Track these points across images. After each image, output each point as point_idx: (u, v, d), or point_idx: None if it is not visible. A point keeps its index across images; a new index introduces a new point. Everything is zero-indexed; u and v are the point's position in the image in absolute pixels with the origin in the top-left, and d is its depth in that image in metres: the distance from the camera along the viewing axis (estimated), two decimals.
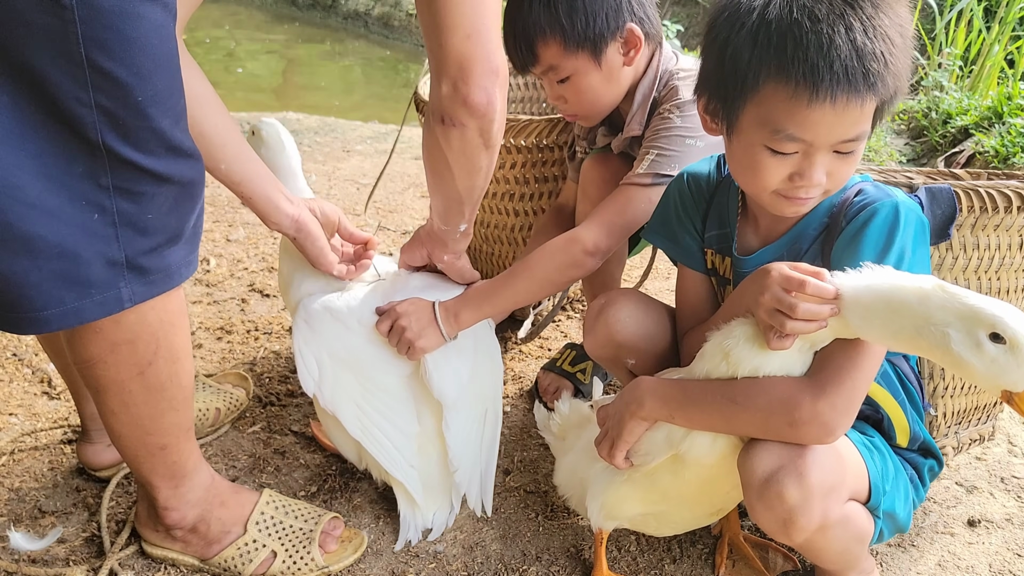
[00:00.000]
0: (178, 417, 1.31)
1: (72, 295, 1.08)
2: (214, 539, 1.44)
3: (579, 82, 1.59)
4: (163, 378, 1.25)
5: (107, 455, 1.64)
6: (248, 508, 1.47)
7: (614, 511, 1.37)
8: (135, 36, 1.00)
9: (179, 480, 1.38)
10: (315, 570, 1.45)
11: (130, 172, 1.06)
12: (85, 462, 1.65)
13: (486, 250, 2.15)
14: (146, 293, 1.15)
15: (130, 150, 1.05)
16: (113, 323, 1.15)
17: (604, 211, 1.55)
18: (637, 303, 1.43)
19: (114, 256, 1.09)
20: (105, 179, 1.05)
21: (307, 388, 1.46)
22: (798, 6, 1.11)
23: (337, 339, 1.48)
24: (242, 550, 1.44)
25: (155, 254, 1.14)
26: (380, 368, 1.51)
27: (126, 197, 1.08)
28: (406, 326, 1.48)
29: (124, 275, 1.11)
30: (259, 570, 1.44)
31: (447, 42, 1.17)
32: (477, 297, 1.54)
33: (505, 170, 1.98)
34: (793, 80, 1.10)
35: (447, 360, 1.52)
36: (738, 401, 1.15)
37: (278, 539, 1.46)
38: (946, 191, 1.34)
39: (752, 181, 1.21)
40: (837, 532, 1.21)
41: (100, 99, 1.00)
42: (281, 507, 1.50)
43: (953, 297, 0.99)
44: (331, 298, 1.52)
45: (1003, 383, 0.99)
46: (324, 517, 1.51)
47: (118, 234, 1.09)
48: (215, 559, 1.44)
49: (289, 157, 1.60)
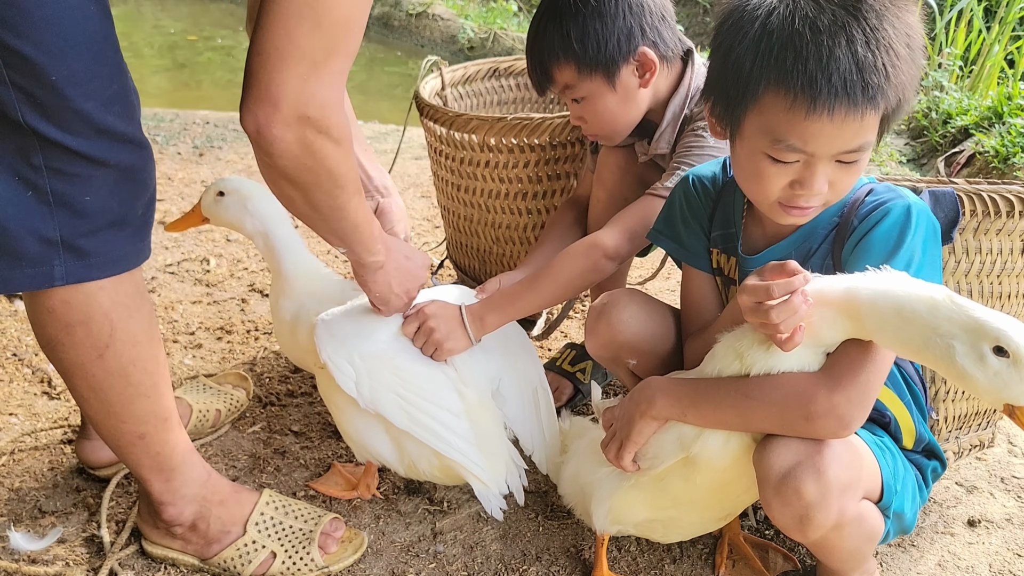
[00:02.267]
0: (150, 404, 1.31)
1: (2, 264, 1.12)
2: (214, 538, 1.44)
3: (595, 104, 1.62)
4: (124, 361, 1.26)
5: (105, 452, 1.64)
6: (248, 508, 1.47)
7: (621, 516, 1.36)
8: (41, 15, 1.01)
9: (168, 473, 1.38)
10: (315, 571, 1.44)
11: (60, 153, 1.09)
12: (83, 459, 1.65)
13: (496, 251, 2.14)
14: (84, 274, 1.17)
15: (55, 130, 1.07)
16: (63, 304, 1.19)
17: (626, 218, 1.59)
18: (639, 303, 1.43)
19: (47, 234, 1.12)
20: (36, 158, 1.08)
21: (348, 389, 1.44)
22: (800, 16, 1.10)
23: (363, 340, 1.48)
24: (241, 551, 1.44)
25: (95, 237, 1.16)
26: (410, 357, 1.51)
27: (59, 177, 1.10)
28: (435, 327, 1.49)
29: (59, 254, 1.14)
30: (259, 571, 1.44)
31: (247, 54, 1.08)
32: (502, 301, 1.57)
33: (519, 169, 1.98)
34: (792, 92, 1.10)
35: (475, 361, 1.55)
36: (752, 396, 1.15)
37: (278, 540, 1.46)
38: (949, 194, 1.34)
39: (754, 188, 1.21)
40: (852, 530, 1.21)
41: (15, 77, 1.03)
42: (281, 507, 1.50)
43: (960, 309, 0.99)
44: (344, 308, 1.53)
45: (1005, 397, 0.99)
46: (324, 518, 1.50)
47: (52, 213, 1.12)
48: (215, 559, 1.44)
49: (273, 200, 1.57)
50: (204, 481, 1.43)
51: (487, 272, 2.20)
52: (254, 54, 1.06)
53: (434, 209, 2.98)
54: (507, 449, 1.54)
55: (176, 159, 3.41)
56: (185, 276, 2.51)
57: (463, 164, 2.03)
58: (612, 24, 1.55)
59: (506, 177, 2.00)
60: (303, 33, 1.04)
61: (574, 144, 1.98)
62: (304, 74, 1.05)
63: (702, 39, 5.53)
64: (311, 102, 1.07)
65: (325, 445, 1.79)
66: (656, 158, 1.71)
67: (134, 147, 1.16)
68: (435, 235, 2.81)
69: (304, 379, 2.02)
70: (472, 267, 2.25)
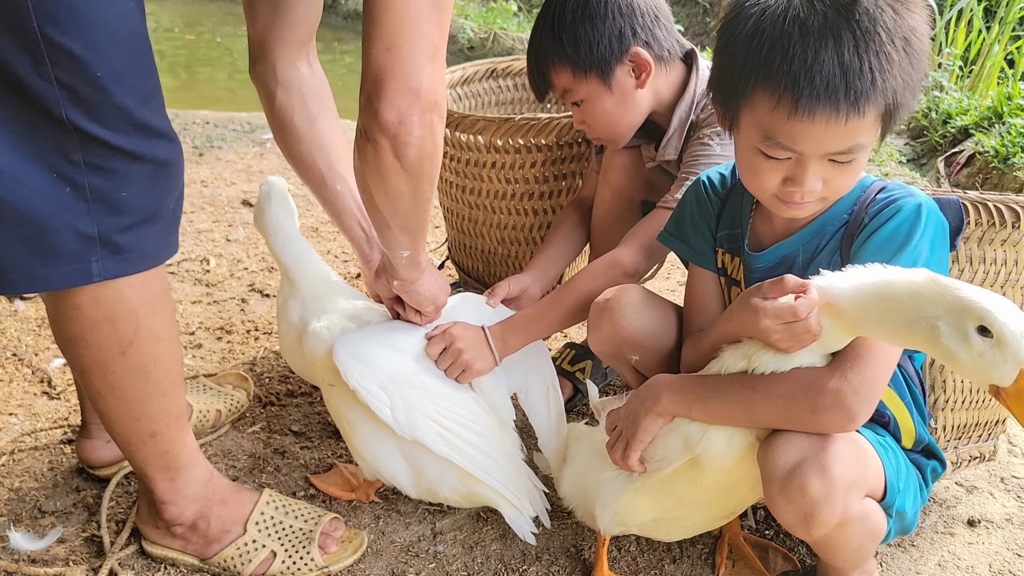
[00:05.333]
0: (165, 402, 1.31)
1: (39, 262, 1.11)
2: (214, 538, 1.44)
3: (593, 106, 1.64)
4: (146, 359, 1.26)
5: (105, 452, 1.64)
6: (248, 507, 1.47)
7: (626, 518, 1.35)
8: (87, 11, 1.02)
9: (174, 472, 1.38)
10: (314, 570, 1.44)
11: (100, 148, 1.09)
12: (83, 458, 1.65)
13: (502, 252, 2.14)
14: (120, 270, 1.17)
15: (96, 127, 1.07)
16: (92, 300, 1.18)
17: (641, 233, 1.61)
18: (642, 299, 1.43)
19: (86, 230, 1.12)
20: (76, 155, 1.08)
21: (384, 417, 1.41)
22: (791, 16, 1.10)
23: (391, 364, 1.45)
24: (242, 550, 1.44)
25: (131, 232, 1.16)
26: (439, 380, 1.49)
27: (98, 173, 1.10)
28: (463, 348, 1.49)
29: (96, 250, 1.14)
30: (259, 570, 1.44)
31: (368, 51, 1.12)
32: (524, 323, 1.57)
33: (525, 170, 1.98)
34: (777, 92, 1.10)
35: (497, 381, 1.56)
36: (759, 389, 1.15)
37: (278, 539, 1.46)
38: (954, 202, 1.33)
39: (751, 181, 1.22)
40: (855, 528, 1.21)
41: (59, 74, 1.03)
42: (281, 507, 1.50)
43: (944, 289, 0.99)
44: (365, 330, 1.50)
45: (990, 377, 0.98)
46: (324, 518, 1.50)
47: (90, 209, 1.11)
48: (215, 559, 1.44)
49: (275, 211, 1.60)
50: (206, 481, 1.43)
51: (490, 273, 2.20)
52: (383, 49, 1.10)
53: (435, 209, 2.98)
54: (527, 472, 1.54)
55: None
56: (185, 276, 2.51)
57: (468, 165, 2.03)
58: (602, 25, 1.58)
59: (512, 178, 2.00)
60: (429, 24, 1.11)
61: (580, 144, 1.98)
62: (431, 62, 1.13)
63: (703, 39, 5.53)
64: (439, 88, 1.15)
65: (325, 445, 1.79)
66: (663, 164, 1.72)
67: (167, 142, 1.17)
68: (435, 235, 2.81)
69: (304, 379, 2.02)
70: (475, 268, 2.25)
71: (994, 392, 1.00)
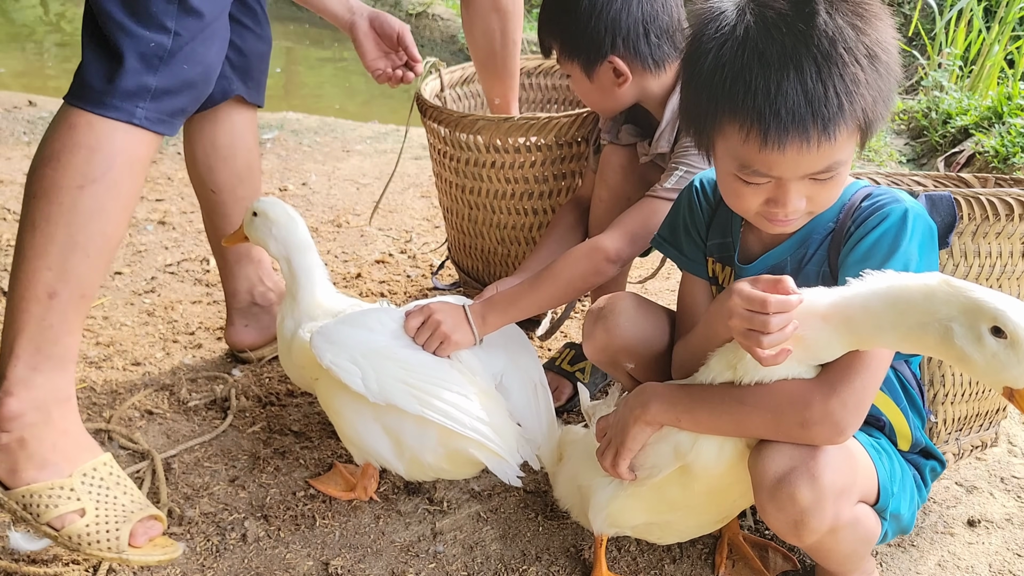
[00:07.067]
0: (84, 267, 1.31)
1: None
2: (31, 464, 1.31)
3: (577, 85, 1.71)
4: (95, 206, 1.30)
5: (245, 334, 1.95)
6: (86, 456, 1.37)
7: (619, 521, 1.36)
8: None
9: (42, 359, 1.31)
10: (113, 550, 1.34)
11: None
12: (230, 344, 1.98)
13: (502, 252, 2.14)
14: (138, 115, 1.32)
15: None
16: (87, 124, 1.29)
17: (627, 221, 1.61)
18: (636, 307, 1.43)
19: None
20: None
21: (356, 387, 1.44)
22: (750, 48, 1.08)
23: (363, 341, 1.50)
24: (54, 491, 1.31)
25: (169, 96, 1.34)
26: (413, 350, 1.53)
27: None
28: (441, 320, 1.52)
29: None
30: (58, 522, 1.32)
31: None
32: (503, 302, 1.59)
33: (525, 169, 1.99)
34: (745, 126, 1.09)
35: (477, 357, 1.58)
36: (747, 402, 1.15)
37: (95, 501, 1.34)
38: (946, 199, 1.33)
39: (734, 203, 1.22)
40: (847, 534, 1.21)
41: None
42: (117, 478, 1.39)
43: (957, 290, 0.98)
44: (340, 318, 1.57)
45: (1004, 379, 0.98)
46: (150, 512, 1.40)
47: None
48: (19, 490, 1.31)
49: (301, 230, 1.68)
50: (63, 400, 1.34)
51: (491, 273, 2.20)
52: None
53: (434, 209, 2.98)
54: (515, 428, 1.55)
55: (176, 159, 3.41)
56: (185, 276, 2.51)
57: (467, 165, 2.03)
58: (585, 28, 1.62)
59: (512, 177, 2.00)
60: None
61: (580, 143, 1.98)
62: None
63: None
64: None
65: (325, 445, 1.79)
66: (657, 158, 1.72)
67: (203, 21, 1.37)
68: (435, 235, 2.81)
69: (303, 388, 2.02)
70: (476, 268, 2.25)
71: (1008, 394, 0.99)
